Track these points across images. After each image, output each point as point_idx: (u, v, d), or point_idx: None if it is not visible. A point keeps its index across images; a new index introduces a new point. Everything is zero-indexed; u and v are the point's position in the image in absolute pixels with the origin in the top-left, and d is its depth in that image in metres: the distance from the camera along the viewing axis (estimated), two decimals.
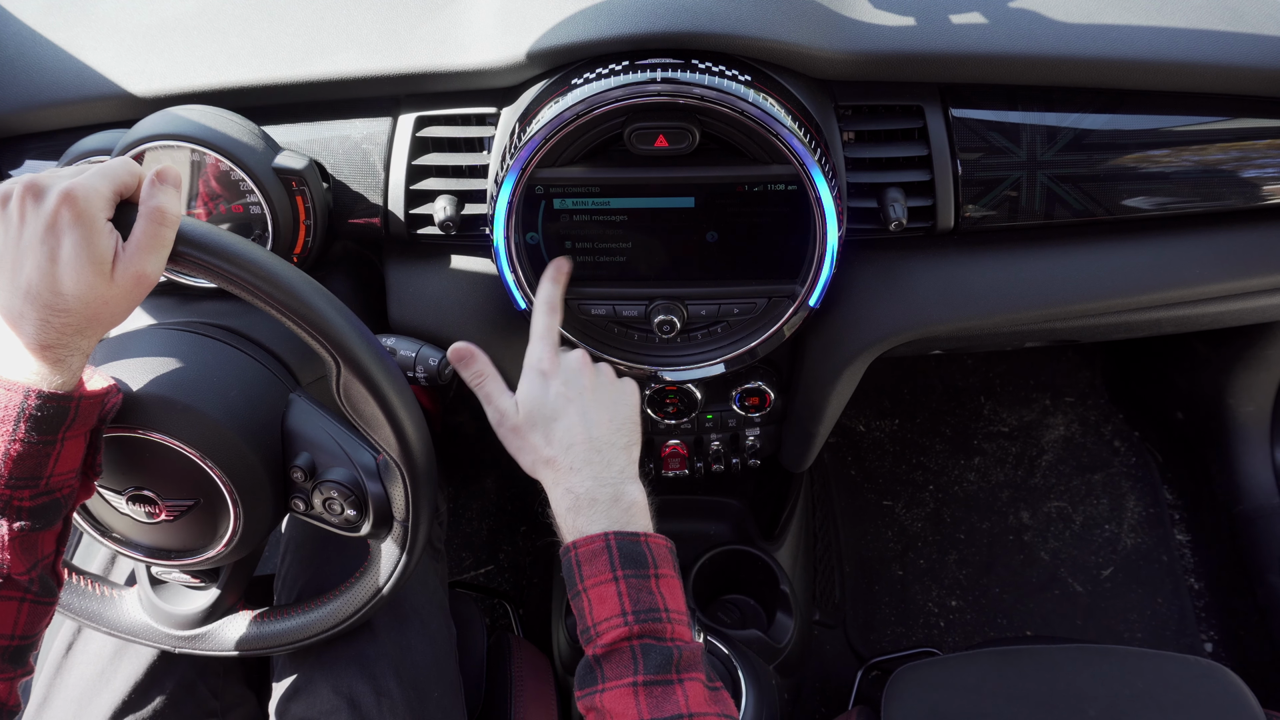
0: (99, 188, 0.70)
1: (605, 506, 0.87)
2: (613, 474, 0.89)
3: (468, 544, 2.02)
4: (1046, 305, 1.12)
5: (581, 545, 0.85)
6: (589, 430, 0.90)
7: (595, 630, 0.82)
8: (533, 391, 0.92)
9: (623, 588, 0.82)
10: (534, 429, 0.91)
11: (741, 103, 0.93)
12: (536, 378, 0.93)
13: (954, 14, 1.03)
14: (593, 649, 0.81)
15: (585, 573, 0.84)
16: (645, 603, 0.81)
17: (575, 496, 0.88)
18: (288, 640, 1.02)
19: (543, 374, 0.93)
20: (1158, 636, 1.85)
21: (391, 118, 1.08)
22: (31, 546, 0.77)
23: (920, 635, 1.89)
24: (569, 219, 1.04)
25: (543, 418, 0.91)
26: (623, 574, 0.82)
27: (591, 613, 0.82)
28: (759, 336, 1.08)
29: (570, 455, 0.89)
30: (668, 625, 0.81)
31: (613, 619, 0.81)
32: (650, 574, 0.83)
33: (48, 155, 1.12)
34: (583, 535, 0.85)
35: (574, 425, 0.90)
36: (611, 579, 0.82)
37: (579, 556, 0.85)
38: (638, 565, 0.83)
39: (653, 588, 0.83)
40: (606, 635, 0.81)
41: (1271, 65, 1.02)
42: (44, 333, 0.71)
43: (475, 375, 0.94)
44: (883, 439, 2.14)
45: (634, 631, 0.80)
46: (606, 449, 0.90)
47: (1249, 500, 1.79)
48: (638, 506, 0.88)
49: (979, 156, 1.05)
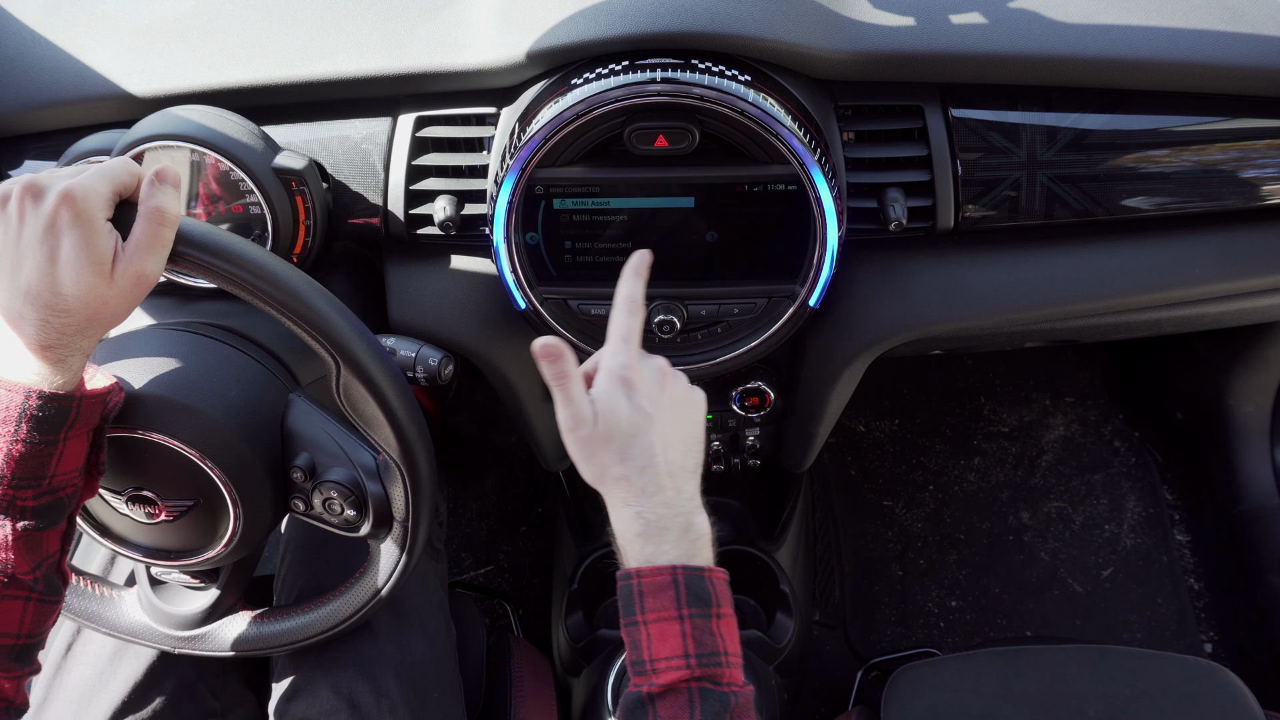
0: (98, 188, 0.70)
1: (676, 536, 0.82)
2: (684, 501, 0.84)
3: (467, 544, 2.02)
4: (1046, 305, 1.12)
5: (647, 575, 0.80)
6: (666, 453, 0.84)
7: (652, 666, 0.78)
8: (614, 403, 0.84)
9: (687, 628, 0.79)
10: (609, 444, 0.83)
11: (741, 103, 0.93)
12: (619, 387, 0.84)
13: (954, 14, 1.03)
14: (647, 685, 0.78)
15: (648, 605, 0.80)
16: (708, 645, 0.79)
17: (646, 523, 0.82)
18: (287, 640, 1.02)
19: (626, 383, 0.85)
20: (1157, 637, 1.85)
21: (391, 118, 1.08)
22: (36, 546, 0.77)
23: (920, 635, 1.89)
24: (569, 219, 1.04)
25: (621, 433, 0.83)
26: (688, 613, 0.79)
27: (650, 647, 0.79)
28: (759, 337, 1.08)
29: (644, 478, 0.83)
30: (726, 670, 0.79)
31: (673, 659, 0.78)
32: (713, 613, 0.80)
33: (47, 155, 1.12)
34: (649, 564, 0.81)
35: (652, 446, 0.84)
36: (676, 617, 0.79)
37: (643, 587, 0.80)
38: (703, 604, 0.80)
39: (714, 628, 0.80)
40: (665, 675, 0.78)
41: (1271, 65, 1.02)
42: (44, 333, 0.71)
43: (559, 374, 0.83)
44: (883, 439, 2.14)
45: (694, 675, 0.78)
46: (679, 473, 0.85)
47: (1249, 500, 1.79)
48: (705, 538, 0.84)
49: (979, 156, 1.05)
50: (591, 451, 0.84)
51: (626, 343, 0.87)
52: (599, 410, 0.83)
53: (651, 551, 0.81)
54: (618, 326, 0.88)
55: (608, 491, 0.85)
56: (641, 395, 0.84)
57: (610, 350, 0.86)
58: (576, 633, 1.56)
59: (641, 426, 0.83)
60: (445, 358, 1.01)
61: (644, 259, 0.92)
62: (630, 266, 0.91)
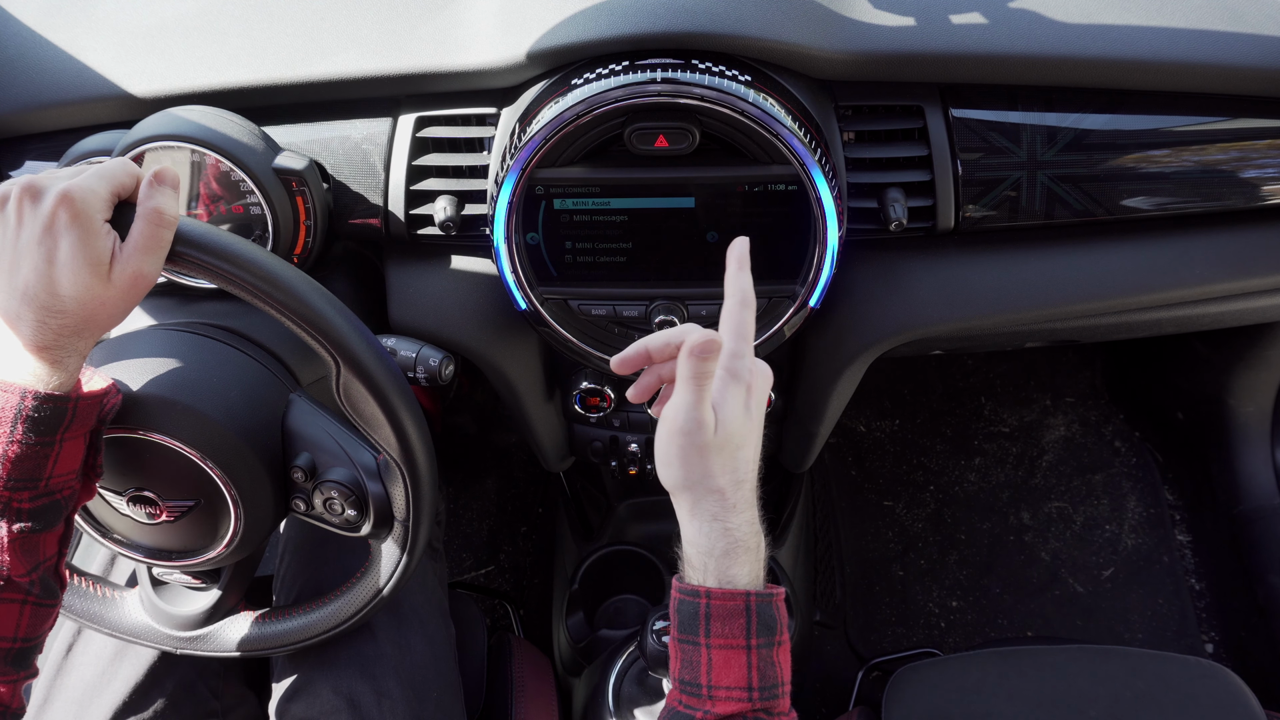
0: (96, 189, 0.70)
1: (754, 555, 0.79)
2: (758, 517, 0.81)
3: (468, 544, 2.02)
4: (1047, 305, 1.12)
5: (718, 598, 0.77)
6: (753, 466, 0.80)
7: (710, 692, 0.76)
8: (732, 408, 0.77)
9: (754, 659, 0.77)
10: (721, 452, 0.77)
11: (741, 103, 0.93)
12: (738, 393, 0.78)
13: (954, 14, 1.03)
14: (701, 711, 0.76)
15: (714, 629, 0.77)
16: (770, 677, 0.77)
17: (733, 540, 0.77)
18: (288, 641, 1.02)
19: (746, 389, 0.79)
20: (1158, 637, 1.85)
21: (391, 118, 1.08)
22: (32, 548, 0.77)
23: (921, 636, 1.89)
24: (569, 219, 1.04)
25: (733, 444, 0.77)
26: (756, 643, 0.77)
27: (711, 673, 0.76)
28: (759, 337, 1.08)
29: (739, 492, 0.78)
30: (780, 700, 0.78)
31: (736, 690, 0.76)
32: (776, 641, 0.78)
33: (48, 156, 1.12)
34: (723, 587, 0.77)
35: (750, 458, 0.79)
36: (744, 647, 0.77)
37: (711, 609, 0.77)
38: (769, 633, 0.77)
39: (775, 658, 0.78)
40: (724, 705, 0.76)
41: (1271, 65, 1.02)
42: (41, 334, 0.71)
43: (702, 374, 0.74)
44: (883, 439, 2.14)
45: (754, 707, 0.76)
46: (755, 489, 0.81)
47: (1249, 501, 1.79)
48: (765, 555, 0.81)
49: (979, 156, 1.05)
50: (697, 458, 0.77)
51: (746, 341, 0.80)
52: (720, 416, 0.77)
53: (733, 572, 0.77)
54: (737, 323, 0.80)
55: (694, 501, 0.78)
56: (754, 401, 0.79)
57: (731, 350, 0.78)
58: (577, 633, 1.56)
59: (748, 437, 0.79)
60: (446, 358, 1.01)
61: (744, 246, 0.83)
62: (734, 257, 0.82)
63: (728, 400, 0.77)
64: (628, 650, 1.30)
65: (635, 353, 0.82)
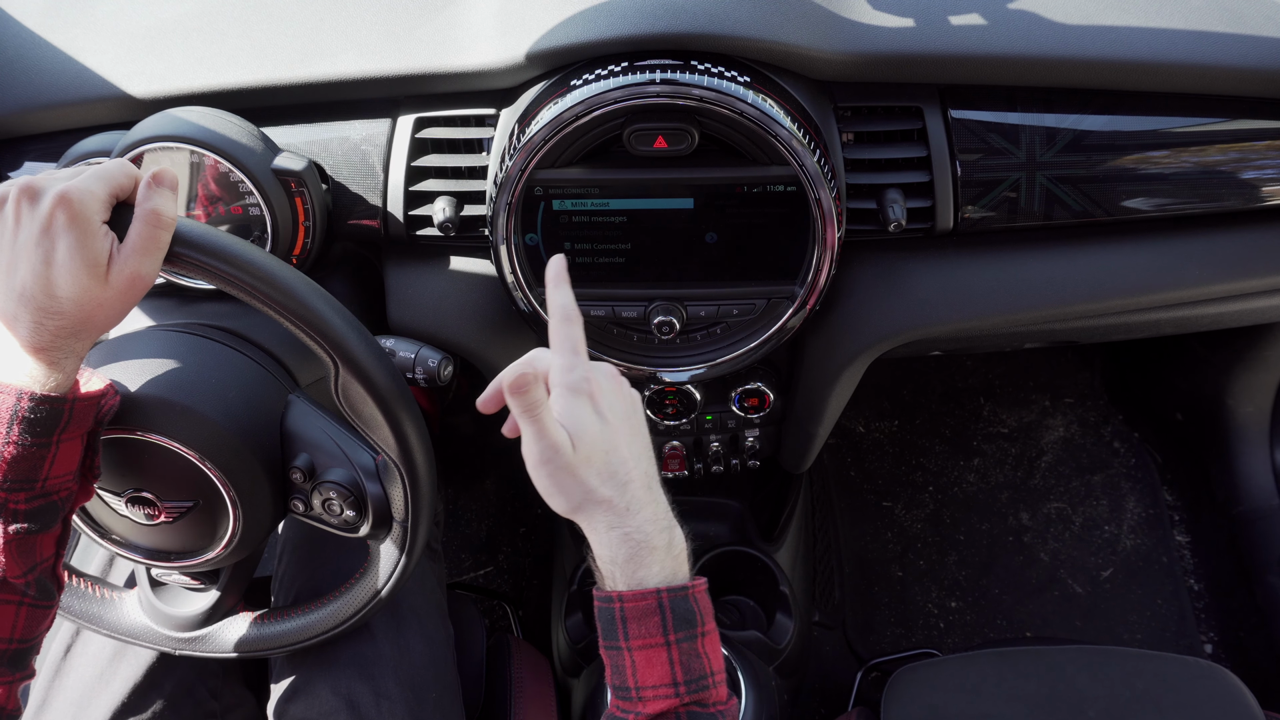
0: (94, 190, 0.70)
1: (663, 554, 0.78)
2: (663, 513, 0.80)
3: (467, 545, 2.02)
4: (1046, 306, 1.12)
5: (629, 600, 0.77)
6: (638, 464, 0.79)
7: (638, 694, 0.76)
8: (583, 421, 0.77)
9: (674, 654, 0.76)
10: (589, 465, 0.77)
11: (740, 104, 0.93)
12: (583, 404, 0.78)
13: (953, 15, 1.03)
14: (634, 714, 0.76)
15: (632, 631, 0.77)
16: (695, 670, 0.77)
17: (635, 544, 0.77)
18: (287, 642, 1.02)
19: (590, 397, 0.78)
20: (1157, 637, 1.85)
21: (391, 119, 1.08)
22: (29, 550, 0.77)
23: (920, 636, 1.89)
24: (568, 220, 1.04)
25: (598, 451, 0.77)
26: (675, 638, 0.76)
27: (635, 675, 0.76)
28: (758, 337, 1.08)
29: (627, 495, 0.77)
30: (712, 690, 0.77)
31: (661, 688, 0.76)
32: (698, 633, 0.78)
33: (47, 157, 1.12)
34: (633, 589, 0.77)
35: (626, 459, 0.78)
36: (663, 643, 0.76)
37: (625, 611, 0.77)
38: (688, 625, 0.77)
39: (700, 649, 0.77)
40: (653, 704, 0.76)
41: (1270, 66, 1.02)
42: (38, 335, 0.70)
43: (530, 405, 0.74)
44: (882, 440, 2.14)
45: (683, 701, 0.76)
46: (654, 483, 0.81)
47: (1248, 501, 1.79)
48: (684, 550, 0.81)
49: (978, 157, 1.05)
50: (570, 480, 0.77)
51: (576, 354, 0.81)
52: (572, 432, 0.76)
53: (641, 574, 0.77)
54: (562, 339, 0.81)
55: (588, 518, 0.78)
56: (604, 405, 0.79)
57: (561, 365, 0.79)
58: (576, 633, 1.56)
59: (613, 440, 0.78)
60: (444, 359, 1.01)
61: (561, 265, 0.84)
62: (551, 276, 0.84)
63: (575, 414, 0.77)
64: None
65: (492, 391, 0.84)
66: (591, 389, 0.79)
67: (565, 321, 0.82)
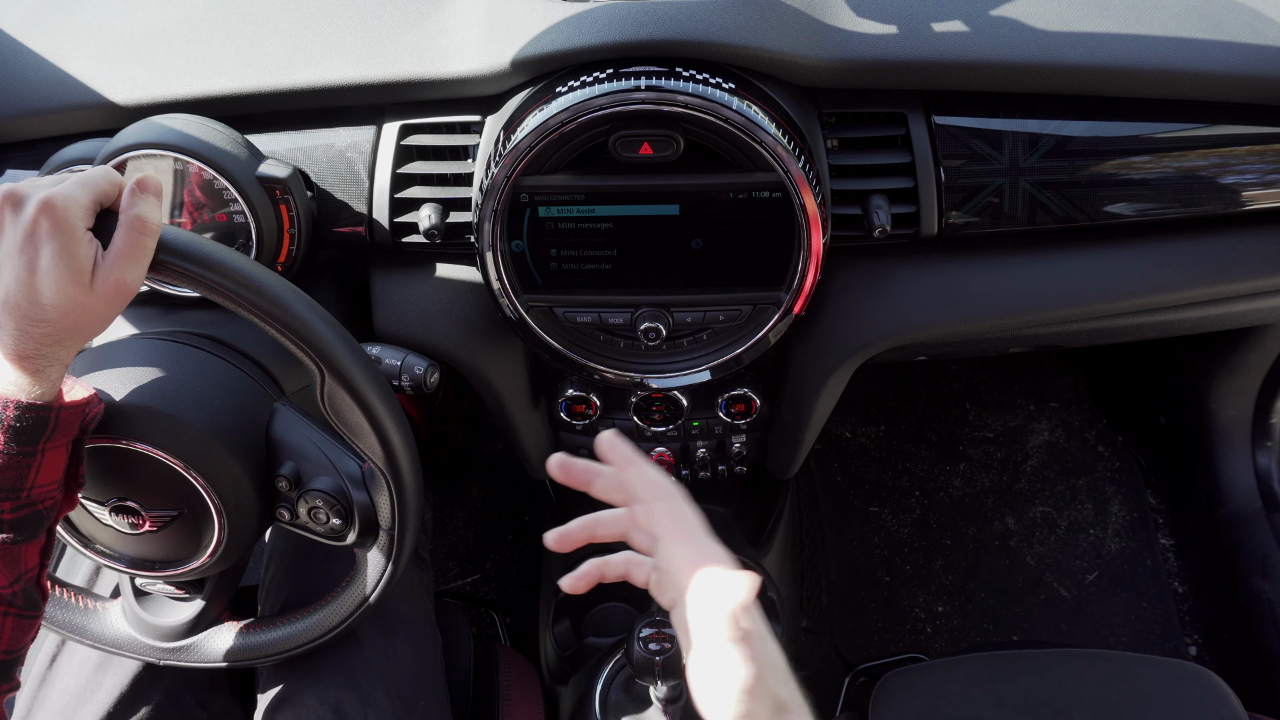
0: (78, 197, 0.70)
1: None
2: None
3: (454, 553, 2.02)
4: (1030, 311, 1.12)
5: None
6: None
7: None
8: (764, 633, 0.68)
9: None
10: (772, 671, 0.67)
11: (725, 110, 0.93)
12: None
13: (936, 22, 1.04)
14: None
15: None
16: None
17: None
18: (274, 651, 1.02)
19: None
20: (1142, 640, 1.86)
21: (376, 126, 1.08)
22: (14, 560, 0.76)
23: (907, 641, 1.89)
24: (554, 227, 1.04)
25: (774, 651, 0.68)
26: None
27: None
28: (744, 343, 1.08)
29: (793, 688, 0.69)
30: None
31: None
32: None
33: (29, 165, 1.11)
34: None
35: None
36: None
37: None
38: None
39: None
40: None
41: (1247, 72, 1.03)
42: (22, 343, 0.70)
43: (755, 623, 0.67)
44: (868, 445, 2.14)
45: None
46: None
47: (1231, 504, 1.80)
48: None
49: (962, 163, 1.06)
50: (766, 691, 0.66)
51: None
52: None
53: None
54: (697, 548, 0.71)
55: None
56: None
57: (716, 566, 0.69)
58: (564, 641, 1.56)
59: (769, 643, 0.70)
60: (431, 366, 1.01)
61: (611, 438, 0.77)
62: (613, 456, 0.76)
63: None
64: (614, 658, 1.30)
65: (578, 528, 0.76)
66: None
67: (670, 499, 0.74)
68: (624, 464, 0.75)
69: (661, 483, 0.74)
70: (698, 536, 0.72)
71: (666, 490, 0.74)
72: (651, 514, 0.73)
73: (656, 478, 0.74)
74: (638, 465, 0.74)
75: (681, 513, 0.73)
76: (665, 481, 0.74)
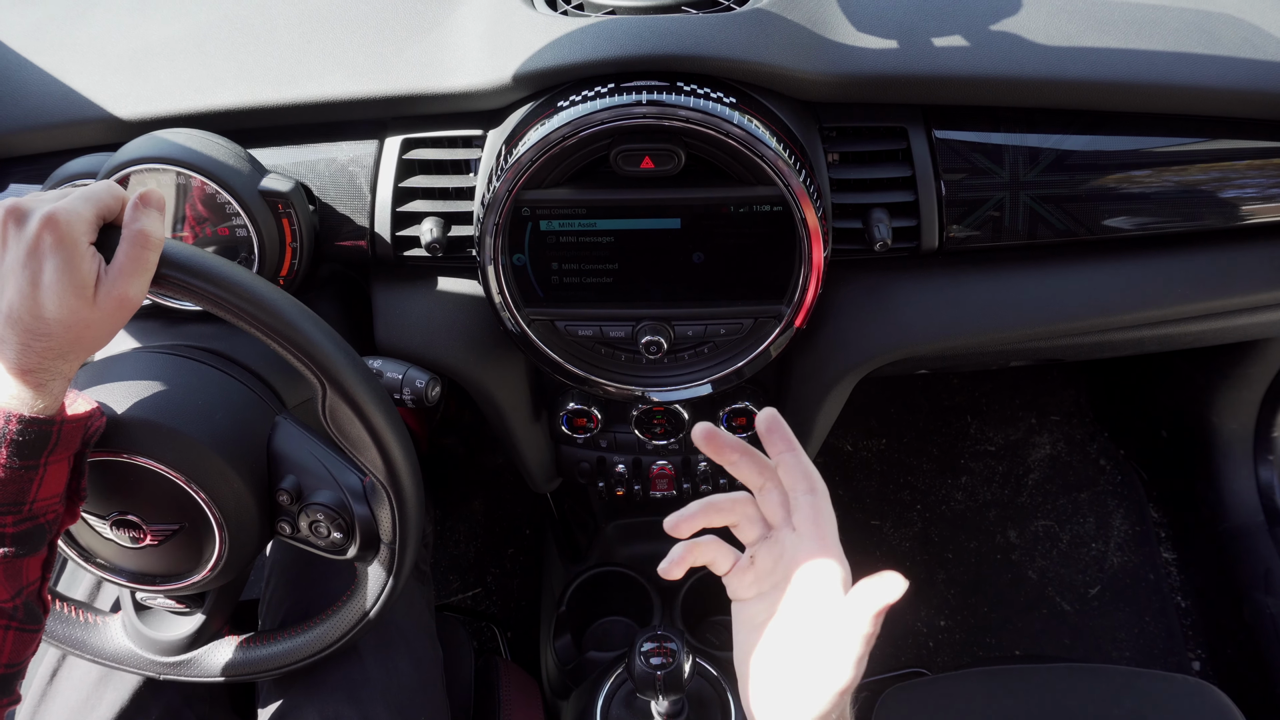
0: (81, 211, 0.70)
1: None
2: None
3: (455, 566, 2.01)
4: (1031, 324, 1.12)
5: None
6: None
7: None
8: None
9: None
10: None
11: (726, 124, 0.94)
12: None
13: (936, 37, 1.04)
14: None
15: None
16: None
17: None
18: (274, 665, 1.01)
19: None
20: (1145, 655, 1.85)
21: (378, 140, 1.08)
22: (16, 573, 0.76)
23: (909, 655, 1.89)
24: (556, 240, 1.04)
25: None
26: None
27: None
28: (745, 357, 1.08)
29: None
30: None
31: None
32: None
33: (33, 179, 1.12)
34: None
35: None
36: None
37: None
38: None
39: None
40: None
41: (1246, 87, 1.03)
42: (25, 357, 0.70)
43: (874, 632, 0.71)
44: (870, 459, 2.14)
45: None
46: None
47: (1233, 518, 1.80)
48: None
49: (962, 177, 1.06)
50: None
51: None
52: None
53: None
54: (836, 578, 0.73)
55: None
56: None
57: (844, 592, 0.73)
58: (565, 655, 1.55)
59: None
60: (432, 379, 1.01)
61: (771, 417, 0.76)
62: (771, 435, 0.75)
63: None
64: (615, 672, 1.30)
65: (697, 511, 0.74)
66: None
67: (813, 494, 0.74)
68: (788, 448, 0.74)
69: (816, 477, 0.74)
70: (830, 538, 0.73)
71: (819, 486, 0.74)
72: (797, 505, 0.73)
73: (813, 470, 0.74)
74: (798, 453, 0.74)
75: (825, 510, 0.73)
76: (819, 477, 0.74)
